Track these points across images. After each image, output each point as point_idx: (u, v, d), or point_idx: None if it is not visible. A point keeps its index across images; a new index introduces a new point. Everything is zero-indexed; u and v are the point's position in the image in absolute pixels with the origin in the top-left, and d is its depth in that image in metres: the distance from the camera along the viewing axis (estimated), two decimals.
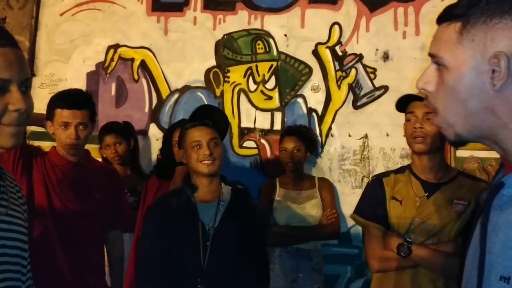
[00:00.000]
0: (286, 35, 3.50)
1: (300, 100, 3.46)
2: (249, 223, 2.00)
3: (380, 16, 3.39)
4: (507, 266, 0.81)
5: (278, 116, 3.48)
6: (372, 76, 3.37)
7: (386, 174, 2.10)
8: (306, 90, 3.45)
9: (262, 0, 3.54)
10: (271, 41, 3.51)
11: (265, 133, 3.49)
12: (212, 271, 1.88)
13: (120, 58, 3.69)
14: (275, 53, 3.51)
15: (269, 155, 3.47)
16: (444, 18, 0.93)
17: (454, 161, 3.12)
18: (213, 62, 3.57)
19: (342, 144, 3.39)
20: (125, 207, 2.56)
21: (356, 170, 3.35)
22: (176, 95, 3.61)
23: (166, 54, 3.64)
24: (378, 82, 3.36)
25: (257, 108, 3.51)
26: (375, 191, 2.05)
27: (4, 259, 1.10)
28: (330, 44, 3.44)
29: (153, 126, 3.62)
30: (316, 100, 3.44)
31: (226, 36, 3.57)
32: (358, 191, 3.29)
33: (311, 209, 2.96)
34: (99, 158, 3.12)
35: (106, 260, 2.48)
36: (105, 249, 2.45)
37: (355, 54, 3.40)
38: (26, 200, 1.29)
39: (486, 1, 0.86)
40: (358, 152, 3.36)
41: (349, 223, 3.27)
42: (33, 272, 1.25)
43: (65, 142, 2.22)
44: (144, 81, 3.67)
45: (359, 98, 3.39)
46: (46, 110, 2.27)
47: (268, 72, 3.50)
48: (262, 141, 3.49)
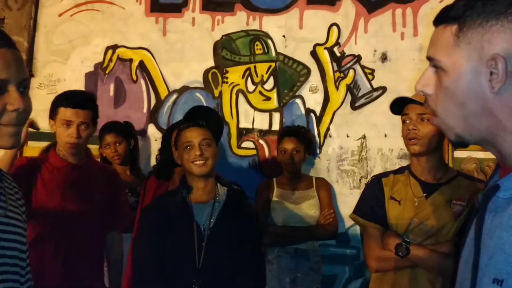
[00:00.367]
0: (284, 36, 3.51)
1: (298, 100, 3.46)
2: (244, 224, 2.00)
3: (378, 17, 3.40)
4: (500, 269, 0.81)
5: (276, 116, 3.49)
6: (370, 77, 3.38)
7: (386, 174, 2.11)
8: (305, 91, 3.46)
9: (260, 1, 3.55)
10: (270, 42, 3.51)
11: (263, 133, 3.49)
12: (207, 272, 1.88)
13: (118, 58, 3.70)
14: (274, 54, 3.51)
15: (267, 156, 3.47)
16: (440, 20, 0.93)
17: (452, 161, 3.12)
18: (211, 63, 3.57)
19: (340, 144, 3.40)
20: (124, 208, 2.55)
21: (354, 171, 3.36)
22: (174, 96, 3.61)
23: (164, 55, 3.64)
24: (376, 83, 3.37)
25: (255, 108, 3.51)
26: (374, 191, 2.05)
27: (2, 261, 1.10)
28: (328, 45, 3.45)
29: (151, 127, 3.62)
30: (314, 100, 3.44)
31: (224, 37, 3.57)
32: (356, 192, 3.29)
33: (309, 209, 2.96)
34: (98, 158, 3.12)
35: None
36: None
37: (353, 55, 3.41)
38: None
39: (482, 3, 0.86)
40: (356, 152, 3.36)
41: (347, 224, 3.28)
42: (31, 273, 1.25)
43: (65, 141, 2.22)
44: (142, 81, 3.67)
45: (357, 99, 3.39)
46: (50, 109, 2.28)
47: (266, 73, 3.51)
48: (261, 141, 3.49)
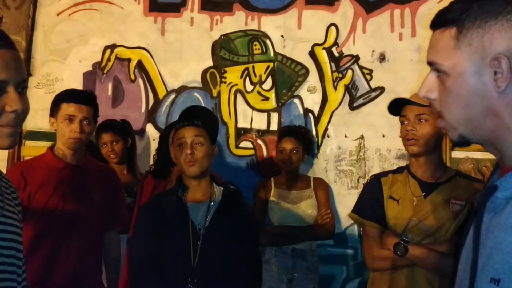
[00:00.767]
0: (283, 36, 3.51)
1: (296, 101, 3.46)
2: (240, 223, 1.99)
3: (376, 17, 3.40)
4: (497, 269, 0.81)
5: (274, 116, 3.49)
6: (368, 77, 3.38)
7: (385, 174, 2.12)
8: (303, 91, 3.46)
9: (259, 1, 3.55)
10: (268, 42, 3.51)
11: (261, 133, 3.49)
12: (202, 271, 1.88)
13: (116, 58, 3.69)
14: (272, 54, 3.51)
15: (265, 156, 3.47)
16: (437, 24, 0.92)
17: (450, 162, 3.12)
18: (210, 63, 3.57)
19: (338, 144, 3.40)
20: (122, 208, 2.55)
21: (352, 171, 3.36)
22: (172, 96, 3.61)
23: (163, 55, 3.64)
24: (374, 83, 3.37)
25: (253, 108, 3.51)
26: (373, 191, 2.06)
27: (0, 260, 1.10)
28: (326, 45, 3.45)
29: (149, 126, 3.62)
30: (312, 101, 3.44)
31: (223, 36, 3.57)
32: (354, 192, 3.30)
33: (306, 209, 2.96)
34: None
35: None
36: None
37: (352, 55, 3.41)
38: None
39: (478, 4, 0.86)
40: (354, 153, 3.37)
41: (344, 224, 3.28)
42: (29, 273, 1.25)
43: (68, 136, 2.21)
44: (140, 81, 3.66)
45: (355, 99, 3.39)
46: (50, 107, 2.27)
47: (264, 73, 3.51)
48: (259, 141, 3.49)
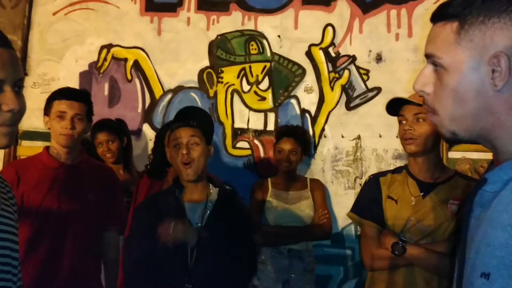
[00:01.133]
0: (279, 36, 3.51)
1: (293, 101, 3.46)
2: (236, 223, 1.99)
3: (373, 18, 3.41)
4: (487, 263, 0.80)
5: (271, 116, 3.49)
6: (365, 77, 3.39)
7: (384, 173, 2.12)
8: (300, 91, 3.46)
9: (255, 1, 3.55)
10: (265, 42, 3.51)
11: (258, 133, 3.49)
12: (199, 270, 1.88)
13: (113, 58, 3.68)
14: (269, 54, 3.51)
15: (262, 156, 3.47)
16: (439, 17, 0.91)
17: (447, 162, 3.13)
18: (206, 63, 3.57)
19: (335, 145, 3.40)
20: (120, 208, 2.52)
21: (348, 171, 3.36)
22: (169, 96, 3.60)
23: (159, 54, 3.63)
24: (371, 84, 3.38)
25: (250, 108, 3.51)
26: (372, 190, 2.07)
27: None
28: (323, 45, 3.45)
29: (146, 126, 3.61)
30: (309, 101, 3.45)
31: (219, 36, 3.57)
32: (351, 192, 3.30)
33: (303, 209, 2.96)
34: None
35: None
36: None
37: (348, 56, 3.41)
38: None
39: (481, 1, 0.86)
40: (351, 153, 3.37)
41: (341, 224, 3.28)
42: (26, 273, 1.24)
43: (60, 132, 2.20)
44: (137, 81, 3.66)
45: (352, 99, 3.40)
46: (44, 106, 2.27)
47: (261, 73, 3.50)
48: (256, 141, 3.49)
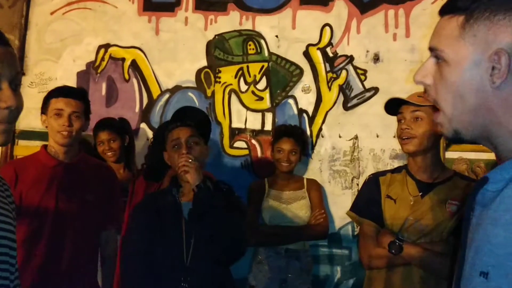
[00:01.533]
0: (277, 36, 3.51)
1: (291, 101, 3.47)
2: (230, 210, 1.97)
3: (370, 18, 3.41)
4: (486, 261, 0.80)
5: (269, 116, 3.49)
6: (362, 77, 3.39)
7: (383, 173, 2.13)
8: (297, 91, 3.46)
9: (253, 1, 3.55)
10: (262, 42, 3.52)
11: (256, 133, 3.49)
12: (195, 269, 1.88)
13: (110, 57, 3.68)
14: (266, 54, 3.51)
15: (259, 156, 3.47)
16: (446, 10, 0.91)
17: (444, 162, 3.14)
18: (204, 63, 3.57)
19: (333, 145, 3.40)
20: (119, 207, 2.51)
21: (346, 171, 3.37)
22: (167, 95, 3.60)
23: (157, 54, 3.63)
24: (368, 84, 3.38)
25: (248, 108, 3.51)
26: (371, 190, 2.07)
27: None
28: (321, 45, 3.45)
29: (143, 126, 3.61)
30: (307, 101, 3.45)
31: (217, 36, 3.57)
32: (348, 192, 3.31)
33: (300, 209, 2.96)
34: None
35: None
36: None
37: (346, 56, 3.42)
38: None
39: None
40: (348, 153, 3.37)
41: (338, 224, 3.29)
42: (23, 272, 1.24)
43: (57, 130, 2.20)
44: (135, 81, 3.65)
45: (350, 99, 3.40)
46: (42, 105, 2.27)
47: (259, 73, 3.51)
48: (253, 141, 3.49)
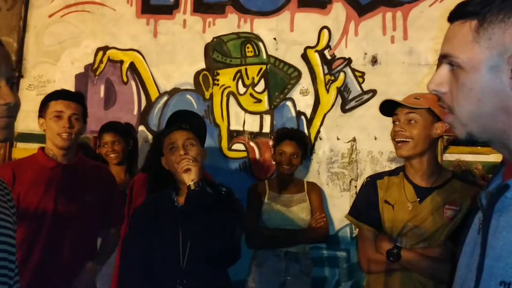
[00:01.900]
0: (275, 39, 3.52)
1: (289, 103, 3.47)
2: (228, 210, 1.97)
3: (368, 20, 3.42)
4: (508, 271, 0.78)
5: (267, 119, 3.49)
6: (360, 80, 3.40)
7: (380, 175, 2.09)
8: (295, 94, 3.47)
9: (251, 3, 3.56)
10: (261, 44, 3.52)
11: (254, 136, 3.50)
12: (191, 272, 1.89)
13: (109, 60, 3.68)
14: (265, 56, 3.52)
15: (258, 158, 3.48)
16: (457, 16, 0.89)
17: (441, 164, 3.14)
18: (202, 65, 3.57)
19: (331, 147, 3.41)
20: (117, 208, 2.51)
21: (344, 173, 3.37)
22: (165, 98, 3.61)
23: (155, 57, 3.64)
24: (366, 86, 3.39)
25: (246, 111, 3.51)
26: (369, 194, 2.04)
27: None
28: (319, 48, 3.46)
29: (142, 129, 3.61)
30: (305, 103, 3.46)
31: (215, 39, 3.58)
32: (346, 194, 3.31)
33: (300, 212, 2.96)
34: None
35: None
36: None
37: (344, 58, 3.43)
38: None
39: None
40: (346, 155, 3.38)
41: (337, 226, 3.29)
42: (22, 274, 1.24)
43: (58, 132, 2.20)
44: (133, 83, 3.66)
45: (348, 102, 3.41)
46: (39, 108, 2.27)
47: (257, 75, 3.51)
48: (251, 143, 3.50)
